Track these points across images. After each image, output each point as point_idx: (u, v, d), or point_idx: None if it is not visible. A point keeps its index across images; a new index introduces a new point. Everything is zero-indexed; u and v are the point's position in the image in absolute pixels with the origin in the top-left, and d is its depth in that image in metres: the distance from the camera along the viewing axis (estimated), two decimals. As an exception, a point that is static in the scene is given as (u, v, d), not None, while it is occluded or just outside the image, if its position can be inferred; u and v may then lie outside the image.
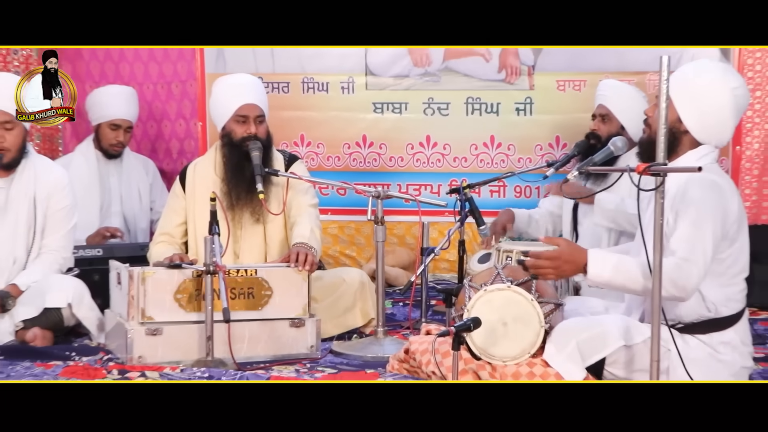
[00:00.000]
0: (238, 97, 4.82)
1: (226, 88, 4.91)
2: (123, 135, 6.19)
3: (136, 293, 4.21)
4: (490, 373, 3.66)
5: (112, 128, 6.15)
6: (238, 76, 5.04)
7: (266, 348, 4.32)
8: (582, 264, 3.59)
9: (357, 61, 6.37)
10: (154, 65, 6.67)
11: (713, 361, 3.65)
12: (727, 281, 3.67)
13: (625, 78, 5.66)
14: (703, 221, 3.52)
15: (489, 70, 6.28)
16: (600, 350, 3.66)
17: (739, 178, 5.94)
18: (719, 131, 3.73)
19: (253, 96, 4.84)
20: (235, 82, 4.94)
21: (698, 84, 3.70)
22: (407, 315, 5.10)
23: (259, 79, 5.13)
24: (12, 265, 4.72)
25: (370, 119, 6.43)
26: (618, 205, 4.71)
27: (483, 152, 6.34)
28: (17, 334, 4.50)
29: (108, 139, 6.16)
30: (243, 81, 4.96)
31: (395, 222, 6.13)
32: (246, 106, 4.81)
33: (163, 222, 5.00)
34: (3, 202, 4.72)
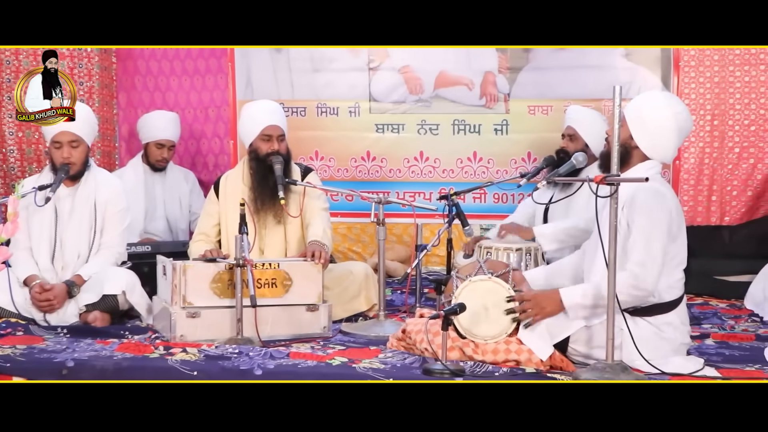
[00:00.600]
0: (263, 119, 4.80)
1: (253, 112, 4.89)
2: (167, 152, 6.19)
3: (178, 282, 4.19)
4: (473, 349, 3.64)
5: (158, 147, 6.14)
6: (263, 103, 5.02)
7: (286, 328, 4.29)
8: (558, 300, 3.60)
9: (362, 90, 6.36)
10: (194, 93, 6.65)
11: (658, 339, 3.64)
12: (668, 272, 3.65)
13: (584, 104, 5.64)
14: (653, 228, 3.53)
15: (472, 97, 6.26)
16: (565, 330, 3.65)
17: (678, 187, 5.94)
18: (664, 147, 3.73)
19: (275, 118, 4.83)
20: (261, 108, 4.92)
21: (647, 108, 3.72)
22: (404, 301, 5.08)
23: (280, 105, 5.11)
24: (77, 258, 4.70)
25: (372, 138, 6.41)
26: (554, 228, 4.71)
27: (467, 165, 6.32)
28: (81, 316, 4.49)
29: (154, 156, 6.15)
30: (267, 106, 4.94)
31: (394, 223, 6.11)
32: (270, 126, 4.79)
33: (200, 224, 4.99)
34: (70, 206, 4.71)
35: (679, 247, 3.69)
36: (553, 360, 3.59)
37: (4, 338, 4.12)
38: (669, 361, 3.58)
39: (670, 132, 3.70)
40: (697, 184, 6.03)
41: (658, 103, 3.73)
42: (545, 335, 3.62)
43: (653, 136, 3.69)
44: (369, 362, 3.65)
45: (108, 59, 6.66)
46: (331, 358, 3.73)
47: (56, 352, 3.83)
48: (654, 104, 3.72)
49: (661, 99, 3.78)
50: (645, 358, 3.51)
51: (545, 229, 4.86)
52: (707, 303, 5.26)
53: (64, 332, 4.29)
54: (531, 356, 3.58)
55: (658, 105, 3.71)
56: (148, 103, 6.66)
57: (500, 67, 6.19)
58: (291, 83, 6.43)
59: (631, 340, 3.53)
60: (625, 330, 3.54)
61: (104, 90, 6.61)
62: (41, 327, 4.41)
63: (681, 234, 3.69)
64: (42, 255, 4.67)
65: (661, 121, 3.68)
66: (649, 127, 3.69)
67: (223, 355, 3.76)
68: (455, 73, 6.27)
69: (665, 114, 3.68)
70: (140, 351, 3.85)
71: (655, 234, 3.53)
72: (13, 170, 6.37)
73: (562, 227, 4.67)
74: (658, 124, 3.68)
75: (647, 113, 3.70)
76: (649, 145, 3.70)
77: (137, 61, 6.75)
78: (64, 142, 4.63)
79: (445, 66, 6.26)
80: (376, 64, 6.34)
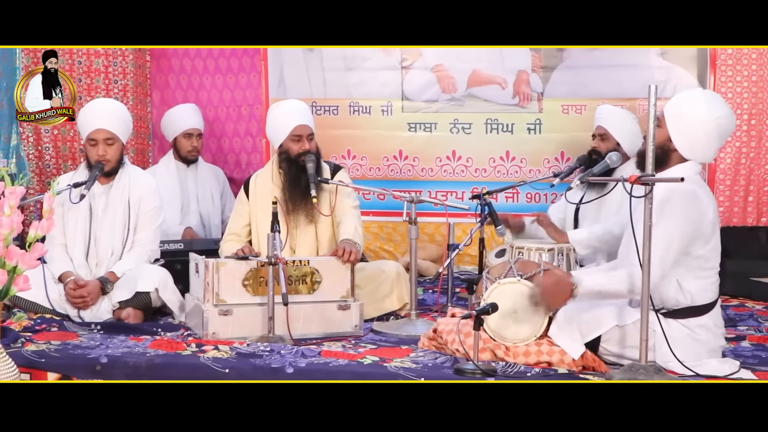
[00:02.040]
0: (292, 120, 4.81)
1: (280, 113, 4.90)
2: (196, 141, 6.23)
3: (211, 280, 4.22)
4: (505, 351, 3.64)
5: (186, 137, 6.19)
6: (290, 103, 5.02)
7: (318, 327, 4.31)
8: (569, 283, 3.59)
9: (394, 89, 6.37)
10: (227, 92, 6.69)
11: (691, 340, 3.62)
12: (701, 274, 3.63)
13: (619, 103, 5.61)
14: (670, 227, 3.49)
15: (505, 96, 6.25)
16: (596, 329, 3.64)
17: (714, 187, 5.89)
18: (703, 151, 3.68)
19: (304, 118, 4.84)
20: (288, 108, 4.92)
21: (688, 112, 3.63)
22: (436, 300, 5.08)
23: (305, 104, 5.08)
24: (110, 255, 4.74)
25: (405, 137, 6.42)
26: (589, 234, 4.70)
27: (500, 164, 6.31)
28: (114, 312, 4.53)
29: (185, 147, 6.19)
30: (294, 106, 4.94)
31: (426, 222, 6.10)
32: (299, 126, 4.80)
33: (231, 224, 5.02)
34: (104, 204, 4.76)
35: (713, 250, 3.66)
36: (585, 360, 3.58)
37: (38, 334, 4.17)
38: (704, 364, 3.55)
39: (711, 138, 3.64)
40: (734, 184, 5.97)
41: (700, 109, 3.62)
42: (576, 335, 3.61)
43: (693, 141, 3.64)
44: (400, 361, 3.67)
45: (142, 57, 6.72)
46: (362, 357, 3.75)
47: (90, 348, 3.88)
48: (695, 110, 3.63)
49: (703, 104, 3.65)
50: (679, 359, 3.49)
51: (579, 234, 4.82)
52: (743, 305, 5.22)
53: (98, 328, 4.34)
54: (563, 357, 3.57)
55: (700, 111, 3.62)
56: (182, 101, 6.70)
57: (533, 66, 6.18)
58: (324, 82, 6.45)
59: (665, 341, 3.51)
60: (658, 331, 3.52)
61: (138, 88, 6.67)
62: (75, 323, 4.46)
63: (715, 236, 3.65)
64: (76, 252, 4.73)
65: (703, 127, 3.61)
66: (689, 132, 3.63)
67: (255, 352, 3.78)
68: (488, 72, 6.26)
69: (707, 120, 3.60)
70: (173, 348, 3.88)
71: (672, 234, 3.49)
72: (49, 167, 6.44)
73: (597, 234, 4.62)
74: (700, 129, 3.61)
75: (688, 118, 3.62)
76: (688, 148, 3.65)
77: (171, 60, 6.81)
78: (99, 140, 4.67)
79: (478, 65, 6.26)
80: (408, 63, 6.34)
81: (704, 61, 5.90)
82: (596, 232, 4.56)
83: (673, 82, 5.86)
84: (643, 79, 5.77)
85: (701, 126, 3.61)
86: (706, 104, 3.65)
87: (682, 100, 3.70)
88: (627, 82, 5.96)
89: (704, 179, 5.70)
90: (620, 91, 5.97)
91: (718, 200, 5.78)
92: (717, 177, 5.95)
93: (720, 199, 5.90)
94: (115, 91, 6.49)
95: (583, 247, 4.61)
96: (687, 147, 3.65)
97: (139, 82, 6.67)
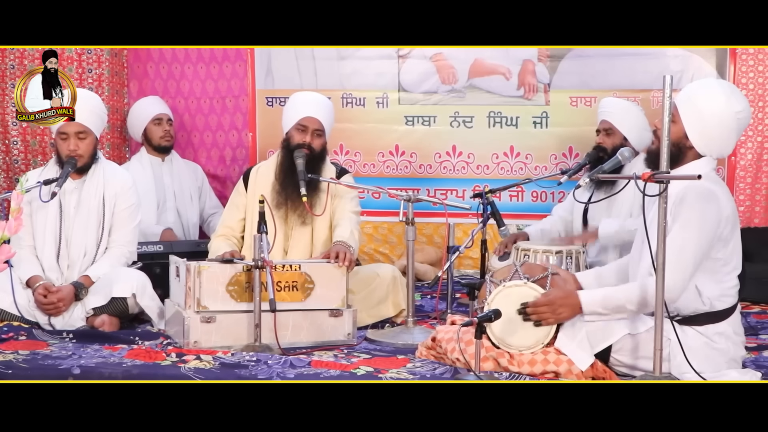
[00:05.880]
0: (304, 109, 4.88)
1: (297, 100, 4.99)
2: (167, 125, 6.27)
3: (192, 285, 4.22)
4: (509, 360, 3.64)
5: (156, 123, 6.23)
6: (312, 94, 5.11)
7: (308, 335, 4.31)
8: (577, 305, 3.60)
9: (391, 79, 6.36)
10: (210, 82, 6.68)
11: (709, 349, 3.62)
12: (720, 278, 3.64)
13: (631, 95, 5.63)
14: (692, 233, 3.50)
15: (509, 87, 6.25)
16: (607, 338, 3.64)
17: (734, 185, 5.88)
18: (720, 147, 3.69)
19: (316, 111, 4.89)
20: (306, 98, 5.00)
21: (705, 107, 3.62)
22: (434, 306, 5.09)
23: (331, 102, 5.15)
24: (83, 257, 4.74)
25: (402, 131, 6.42)
26: (618, 229, 4.69)
27: (503, 161, 6.31)
28: (88, 320, 4.54)
29: (157, 134, 6.22)
30: (314, 98, 5.02)
31: (424, 223, 6.11)
32: (308, 118, 4.85)
33: (225, 216, 5.05)
34: (76, 201, 4.76)
35: (732, 252, 3.66)
36: (595, 371, 3.58)
37: (5, 343, 4.16)
38: (723, 375, 3.56)
39: (730, 133, 3.65)
40: (755, 182, 5.97)
41: (719, 103, 3.61)
42: (585, 344, 3.61)
43: (711, 137, 3.63)
44: (396, 372, 3.67)
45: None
46: (355, 368, 3.75)
47: (61, 359, 3.87)
48: (714, 104, 3.61)
49: (721, 96, 3.62)
50: (696, 370, 3.49)
51: (610, 228, 4.82)
52: (765, 312, 5.22)
53: (70, 337, 4.33)
54: (570, 367, 3.57)
55: (718, 105, 3.60)
56: (161, 91, 6.69)
57: (540, 55, 6.18)
58: (314, 72, 6.45)
59: (681, 350, 3.51)
60: (673, 339, 3.52)
61: (114, 78, 6.65)
62: (45, 331, 4.45)
63: (734, 237, 3.65)
64: (46, 253, 4.72)
65: (722, 123, 3.61)
66: (707, 128, 3.62)
67: (240, 363, 3.78)
68: (491, 62, 6.26)
69: (727, 116, 3.60)
70: (151, 358, 3.88)
71: (692, 240, 3.49)
72: (17, 163, 6.43)
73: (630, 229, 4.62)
74: (719, 125, 3.61)
75: (706, 113, 3.61)
76: (704, 144, 3.65)
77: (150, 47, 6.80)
78: (70, 134, 4.67)
79: (480, 54, 6.26)
80: (406, 52, 6.34)
81: (723, 51, 5.89)
82: (628, 226, 4.56)
83: (690, 72, 5.86)
84: (658, 68, 5.78)
85: (720, 121, 3.61)
86: (725, 97, 3.63)
87: (698, 93, 3.69)
88: (640, 73, 5.95)
89: (723, 177, 5.72)
90: (633, 82, 5.97)
91: (738, 199, 5.78)
92: (737, 174, 5.95)
93: (740, 198, 5.90)
94: (89, 81, 6.47)
95: (609, 241, 4.62)
96: (703, 143, 3.65)
97: (115, 71, 6.65)
